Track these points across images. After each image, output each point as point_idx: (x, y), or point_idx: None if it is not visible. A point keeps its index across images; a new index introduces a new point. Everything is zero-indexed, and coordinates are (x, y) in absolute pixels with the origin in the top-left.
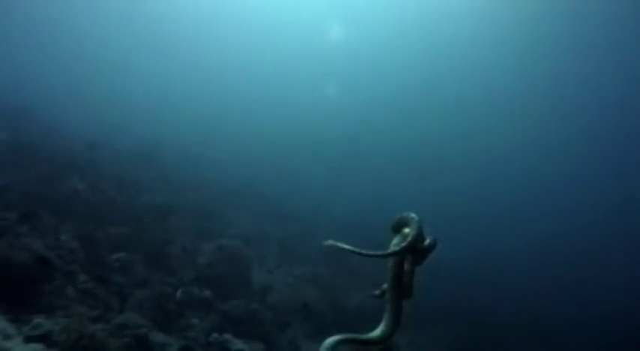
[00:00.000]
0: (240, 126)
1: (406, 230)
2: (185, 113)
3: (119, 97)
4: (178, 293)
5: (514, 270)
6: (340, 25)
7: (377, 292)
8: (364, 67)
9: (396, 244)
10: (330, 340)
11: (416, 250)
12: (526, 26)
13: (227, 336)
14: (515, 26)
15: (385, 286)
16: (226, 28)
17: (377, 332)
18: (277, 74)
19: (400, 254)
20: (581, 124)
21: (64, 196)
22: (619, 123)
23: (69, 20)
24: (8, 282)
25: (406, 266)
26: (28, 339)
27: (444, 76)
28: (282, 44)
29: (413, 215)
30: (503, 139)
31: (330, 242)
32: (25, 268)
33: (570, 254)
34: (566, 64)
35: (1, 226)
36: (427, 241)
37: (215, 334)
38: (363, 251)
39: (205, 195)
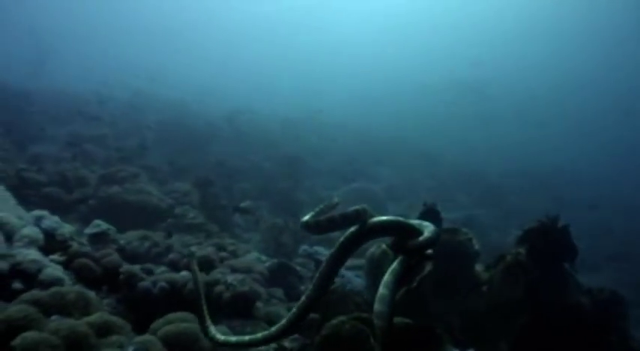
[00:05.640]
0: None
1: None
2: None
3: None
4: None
5: None
6: None
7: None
8: None
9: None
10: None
11: (406, 249)
12: None
13: (317, 248)
14: None
15: None
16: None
17: (259, 335)
18: None
19: None
20: None
21: (204, 159)
22: None
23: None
24: (124, 219)
25: (388, 277)
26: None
27: None
28: None
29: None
30: None
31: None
32: (139, 208)
33: None
34: None
35: (121, 176)
36: (423, 236)
37: (305, 246)
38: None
39: (351, 150)
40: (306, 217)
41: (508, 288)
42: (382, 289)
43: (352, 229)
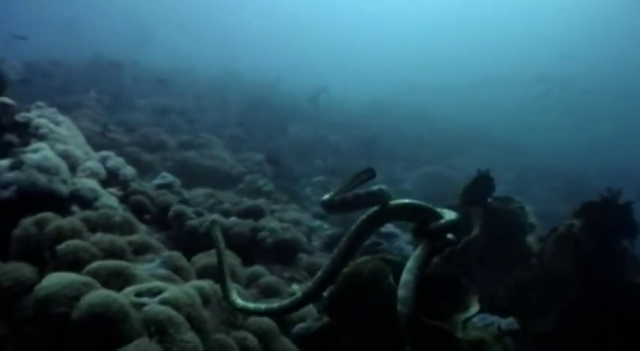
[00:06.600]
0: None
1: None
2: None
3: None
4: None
5: None
6: None
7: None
8: None
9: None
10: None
11: (428, 231)
12: None
13: None
14: None
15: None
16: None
17: (275, 304)
18: None
19: None
20: None
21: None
22: None
23: None
24: (196, 181)
25: (411, 263)
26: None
27: None
28: None
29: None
30: None
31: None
32: (212, 172)
33: None
34: None
35: (199, 143)
36: (445, 219)
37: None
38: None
39: (431, 137)
40: (327, 196)
41: (558, 260)
42: (405, 275)
43: (375, 208)
